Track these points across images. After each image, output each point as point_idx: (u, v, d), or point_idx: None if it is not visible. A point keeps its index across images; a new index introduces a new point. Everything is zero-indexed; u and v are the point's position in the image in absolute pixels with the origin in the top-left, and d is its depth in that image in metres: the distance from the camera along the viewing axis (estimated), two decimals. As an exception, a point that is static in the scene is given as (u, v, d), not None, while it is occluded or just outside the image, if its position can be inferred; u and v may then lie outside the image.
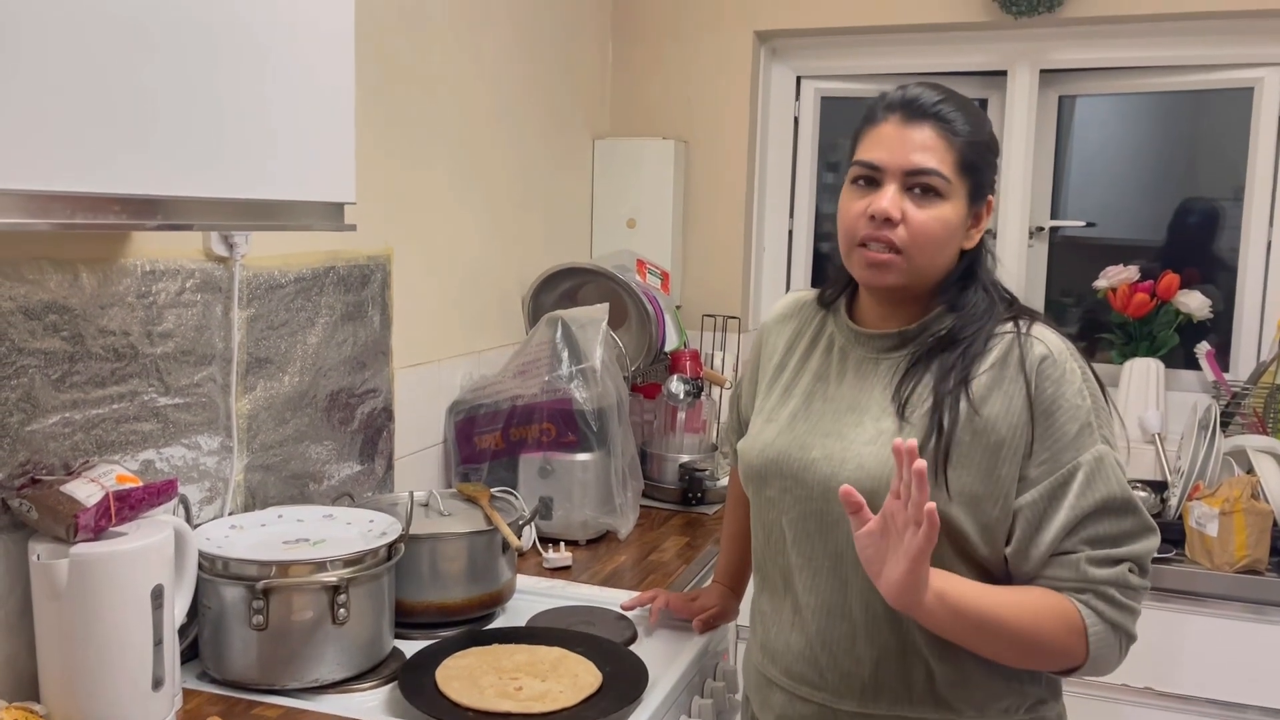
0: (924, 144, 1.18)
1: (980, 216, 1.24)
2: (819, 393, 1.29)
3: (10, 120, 0.88)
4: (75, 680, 1.19)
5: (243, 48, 1.11)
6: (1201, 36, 2.53)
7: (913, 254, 1.18)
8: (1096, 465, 1.14)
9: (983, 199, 1.24)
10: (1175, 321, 2.59)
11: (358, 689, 1.40)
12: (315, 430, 1.74)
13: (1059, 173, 2.80)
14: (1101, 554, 1.13)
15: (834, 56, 2.85)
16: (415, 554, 1.56)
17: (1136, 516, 1.15)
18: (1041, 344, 1.18)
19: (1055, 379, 1.16)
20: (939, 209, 1.18)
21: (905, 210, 1.17)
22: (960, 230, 1.21)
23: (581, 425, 2.08)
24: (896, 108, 1.20)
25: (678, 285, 2.84)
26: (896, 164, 1.18)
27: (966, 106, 1.22)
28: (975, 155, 1.20)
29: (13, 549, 1.23)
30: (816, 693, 1.25)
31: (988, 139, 1.24)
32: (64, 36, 0.92)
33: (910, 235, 1.18)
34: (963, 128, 1.19)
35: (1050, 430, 1.15)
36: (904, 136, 1.18)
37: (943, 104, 1.20)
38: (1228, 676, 2.09)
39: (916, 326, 1.24)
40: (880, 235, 1.18)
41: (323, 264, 1.73)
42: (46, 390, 1.26)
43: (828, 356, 1.31)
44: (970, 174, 1.20)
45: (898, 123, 1.19)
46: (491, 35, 2.27)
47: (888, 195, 1.18)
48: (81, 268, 1.30)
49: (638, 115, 2.88)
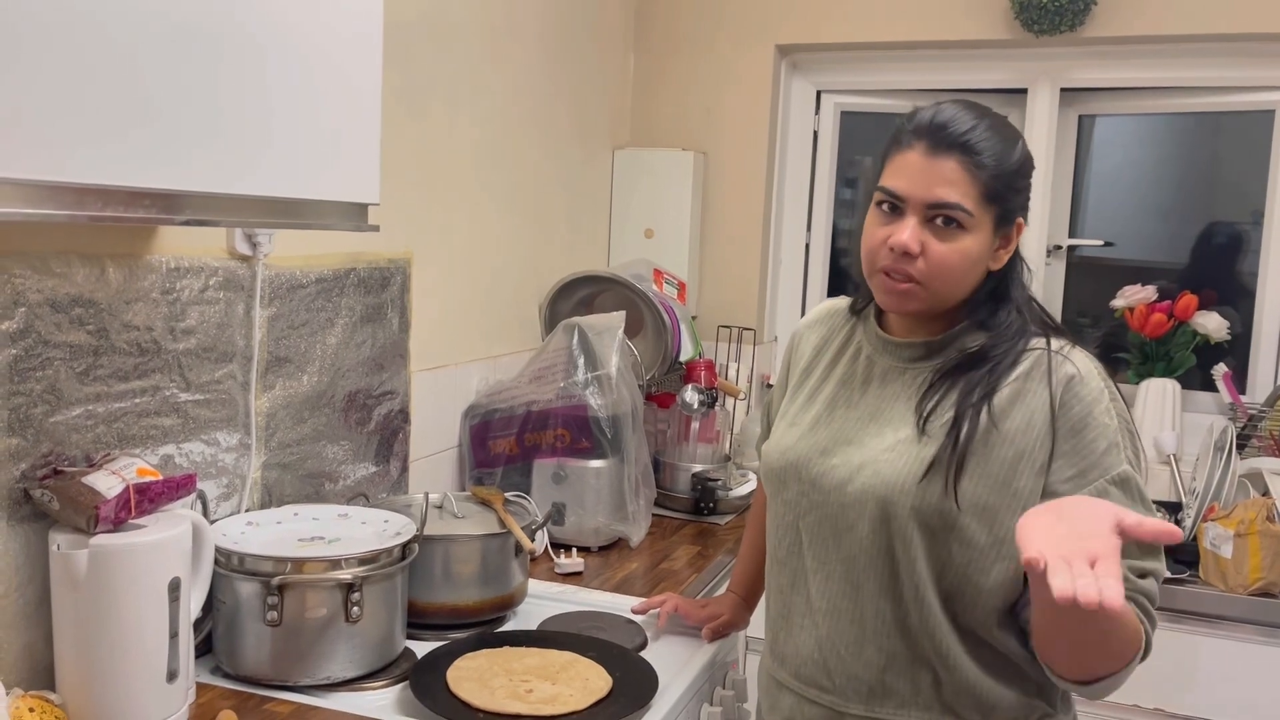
0: (947, 177, 1.15)
1: (1010, 238, 1.22)
2: (843, 399, 1.30)
3: (47, 115, 0.90)
4: (91, 670, 1.20)
5: (274, 50, 1.13)
6: (1222, 58, 2.53)
7: (932, 285, 1.19)
8: (1124, 486, 1.14)
9: (1011, 222, 1.21)
10: (1193, 342, 2.58)
11: (369, 687, 1.40)
12: (332, 430, 1.75)
13: (1077, 192, 2.80)
14: (1135, 564, 1.13)
15: (854, 71, 2.86)
16: (429, 555, 1.57)
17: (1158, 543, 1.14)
18: (1070, 364, 1.18)
19: (1084, 398, 1.16)
20: (960, 241, 1.17)
21: (925, 243, 1.17)
22: (985, 256, 1.20)
23: (596, 432, 2.08)
24: (924, 134, 1.17)
25: (694, 296, 2.85)
26: (919, 196, 1.17)
27: (998, 130, 1.19)
28: (1003, 184, 1.18)
29: (33, 539, 1.25)
30: (824, 695, 1.26)
31: (1018, 165, 1.20)
32: (103, 35, 0.94)
33: (929, 268, 1.17)
34: (991, 158, 1.16)
35: (1078, 447, 1.15)
36: (928, 168, 1.16)
37: (971, 132, 1.16)
38: (1240, 699, 2.07)
39: (943, 338, 1.24)
40: (899, 267, 1.18)
41: (343, 265, 1.74)
42: (71, 383, 1.28)
43: (854, 364, 1.32)
44: (996, 202, 1.18)
45: (923, 151, 1.17)
46: (515, 44, 2.29)
47: (908, 228, 1.17)
48: (108, 262, 1.32)
49: (658, 126, 2.89)
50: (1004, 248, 1.22)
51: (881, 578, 1.21)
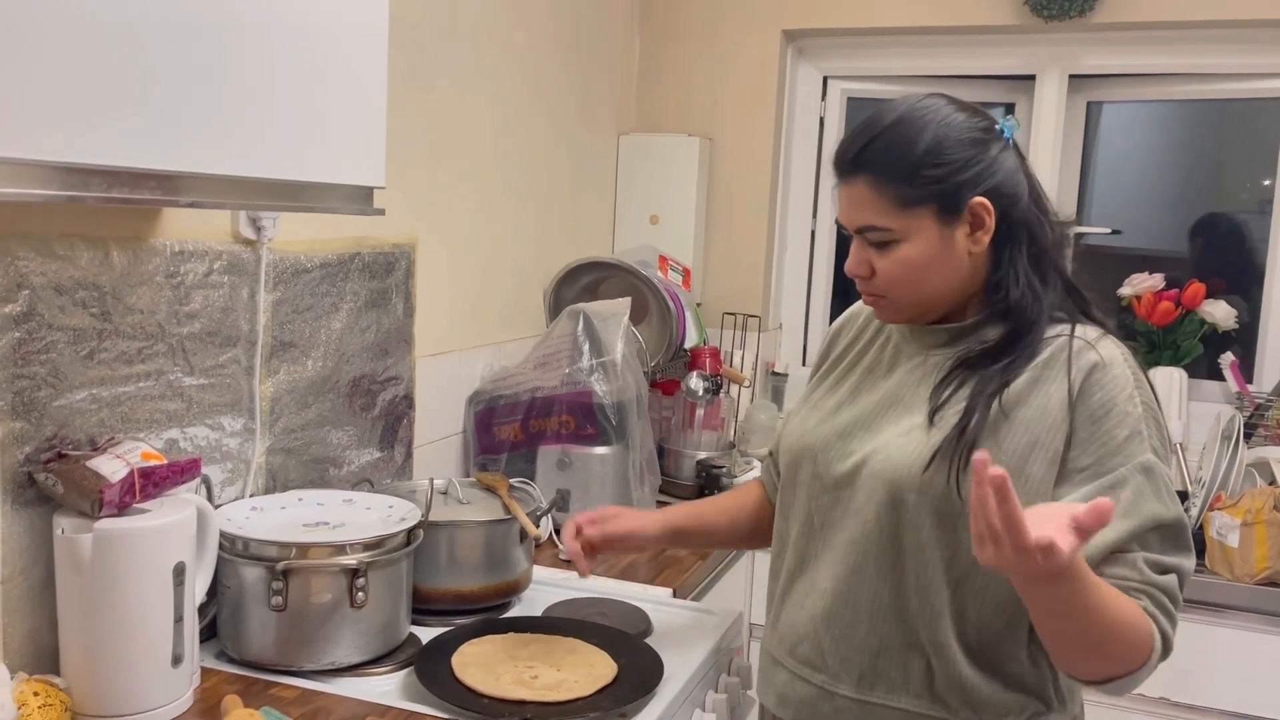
0: (860, 200, 1.20)
1: (980, 218, 1.17)
2: (866, 385, 1.30)
3: (50, 95, 0.89)
4: (96, 654, 1.20)
5: (278, 31, 1.12)
6: (1232, 44, 2.51)
7: (895, 296, 1.23)
8: (1147, 474, 1.12)
9: (959, 207, 1.17)
10: (1200, 331, 2.57)
11: (374, 673, 1.40)
12: (337, 415, 1.74)
13: (1084, 179, 2.78)
14: (1154, 558, 1.11)
15: (861, 57, 2.84)
16: (434, 541, 1.57)
17: (1183, 536, 1.13)
18: (1095, 352, 1.17)
19: (1106, 385, 1.15)
20: (898, 252, 1.19)
21: (871, 261, 1.22)
22: (944, 252, 1.18)
23: (600, 419, 2.08)
24: (835, 165, 1.23)
25: (699, 282, 2.84)
26: (850, 225, 1.23)
27: (899, 128, 1.16)
28: (918, 182, 1.15)
29: (37, 522, 1.24)
30: (816, 674, 1.26)
31: (926, 151, 1.15)
32: (105, 15, 0.93)
33: (882, 283, 1.22)
34: (890, 165, 1.15)
35: (1096, 435, 1.14)
36: (845, 196, 1.22)
37: (866, 149, 1.17)
38: (1246, 688, 2.07)
39: (966, 325, 1.24)
40: (864, 288, 1.25)
41: (348, 250, 1.74)
42: (75, 366, 1.27)
43: (882, 351, 1.33)
44: (921, 203, 1.16)
45: (839, 182, 1.23)
46: (521, 29, 2.27)
47: (853, 255, 1.24)
48: (112, 245, 1.31)
49: (663, 112, 2.88)
50: (979, 229, 1.18)
51: (884, 562, 1.20)
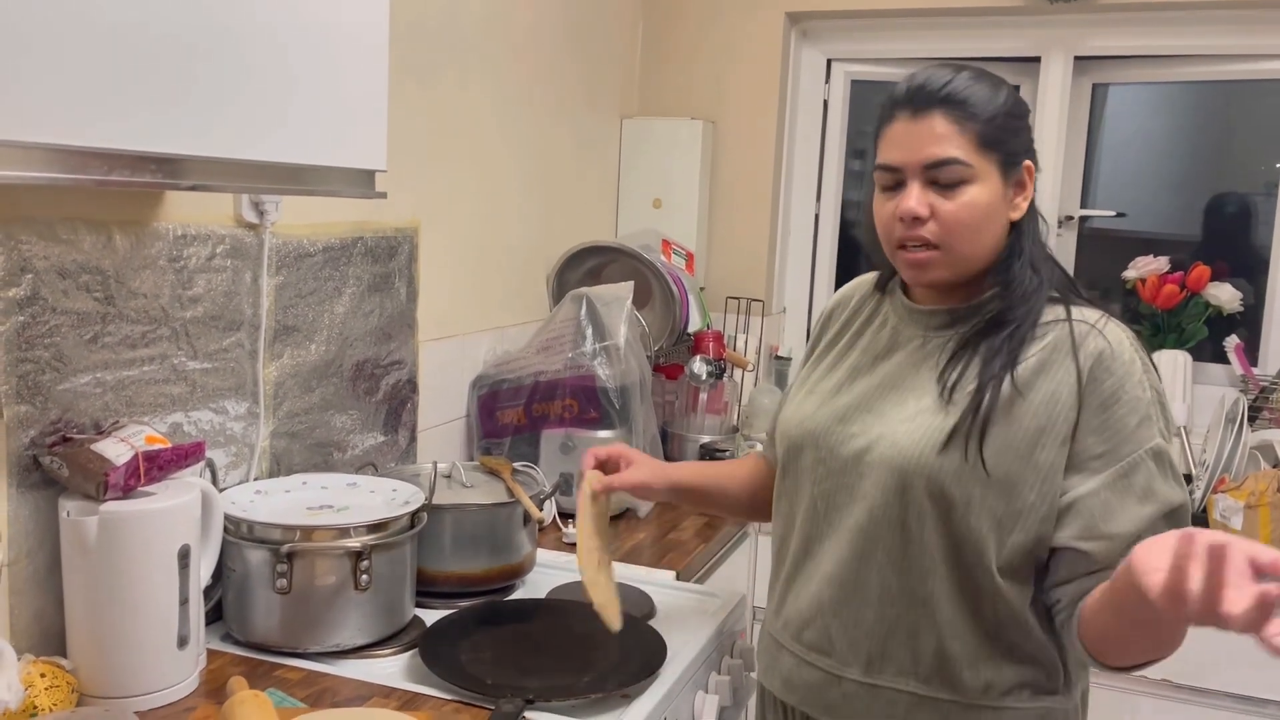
0: (937, 134, 1.15)
1: (1023, 183, 1.21)
2: (865, 368, 1.29)
3: (50, 75, 0.89)
4: (102, 636, 1.21)
5: (280, 13, 1.12)
6: (1237, 25, 2.50)
7: (951, 245, 1.18)
8: (1158, 460, 1.13)
9: (1018, 166, 1.20)
10: (1205, 314, 2.56)
11: (378, 655, 1.41)
12: (340, 399, 1.75)
13: (1089, 162, 2.77)
14: None
15: (865, 40, 2.82)
16: (437, 524, 1.57)
17: (1186, 520, 1.13)
18: (1102, 338, 1.16)
19: (1115, 371, 1.14)
20: (966, 194, 1.16)
21: (933, 204, 1.16)
22: (1001, 205, 1.19)
23: (604, 402, 2.08)
24: (904, 102, 1.18)
25: (702, 266, 2.84)
26: (914, 161, 1.16)
27: (980, 78, 1.18)
28: (996, 127, 1.16)
29: (43, 505, 1.25)
30: (823, 659, 1.26)
31: (1008, 106, 1.18)
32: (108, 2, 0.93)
33: (943, 228, 1.17)
34: (976, 104, 1.16)
35: (1108, 422, 1.14)
36: (916, 131, 1.16)
37: (950, 84, 1.16)
38: (1248, 671, 2.07)
39: (968, 306, 1.23)
40: (914, 235, 1.18)
41: (351, 234, 1.74)
42: (79, 350, 1.28)
43: (879, 334, 1.31)
44: (995, 147, 1.17)
45: (908, 118, 1.17)
46: (524, 12, 2.26)
47: (913, 195, 1.17)
48: (115, 229, 1.31)
49: (666, 95, 2.87)
50: (1020, 194, 1.21)
51: (892, 547, 1.20)
